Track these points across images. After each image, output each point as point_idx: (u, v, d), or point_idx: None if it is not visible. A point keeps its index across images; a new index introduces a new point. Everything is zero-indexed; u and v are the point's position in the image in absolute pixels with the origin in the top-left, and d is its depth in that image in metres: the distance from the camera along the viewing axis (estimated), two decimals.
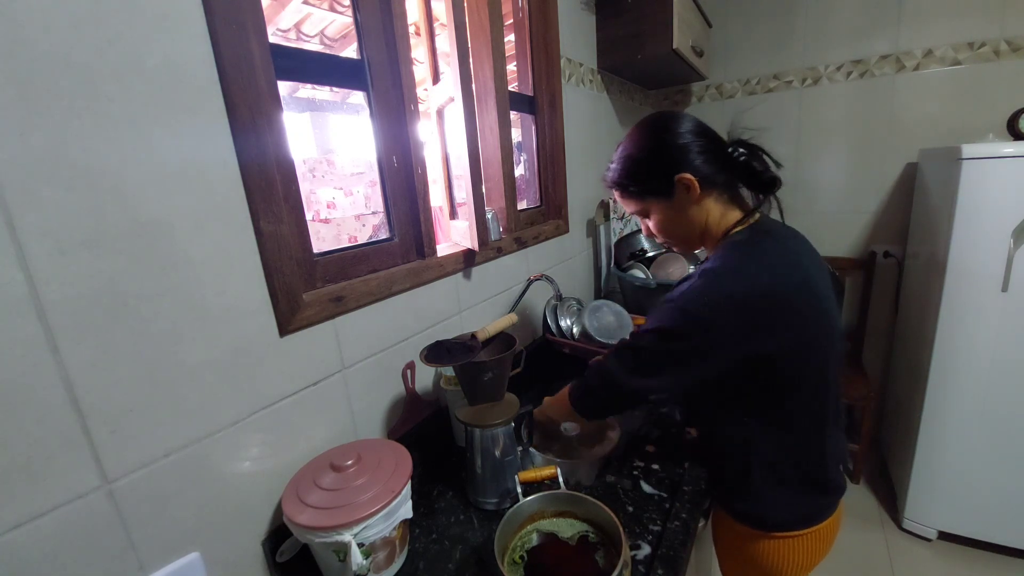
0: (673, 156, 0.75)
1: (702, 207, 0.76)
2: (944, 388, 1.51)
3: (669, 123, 0.77)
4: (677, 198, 0.76)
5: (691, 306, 0.69)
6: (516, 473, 0.79)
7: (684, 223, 0.78)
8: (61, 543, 0.50)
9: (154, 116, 0.55)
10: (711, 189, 0.75)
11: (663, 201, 0.78)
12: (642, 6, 1.57)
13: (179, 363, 0.59)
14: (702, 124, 0.77)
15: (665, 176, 0.75)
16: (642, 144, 0.78)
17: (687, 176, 0.73)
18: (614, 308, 1.36)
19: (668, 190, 0.76)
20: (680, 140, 0.75)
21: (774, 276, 0.68)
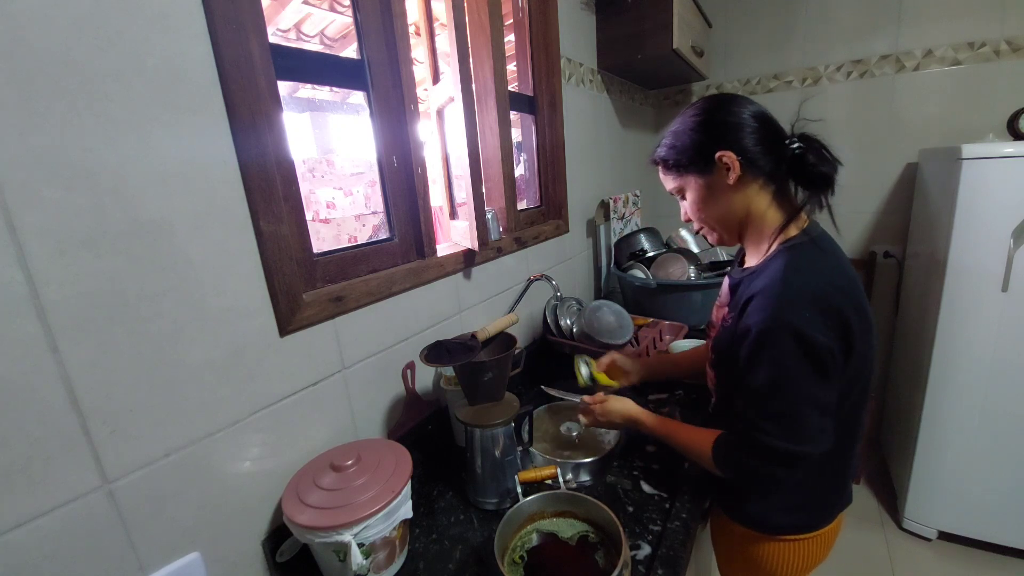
0: (719, 132, 0.70)
1: (744, 194, 0.72)
2: (944, 388, 1.51)
3: (725, 101, 0.72)
4: (715, 177, 0.72)
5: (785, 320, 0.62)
6: (516, 473, 0.80)
7: (720, 206, 0.74)
8: (61, 543, 0.50)
9: (154, 116, 0.55)
10: (756, 175, 0.71)
11: (700, 178, 0.73)
12: (642, 6, 1.57)
13: (179, 363, 0.59)
14: (762, 109, 0.72)
15: (706, 150, 0.71)
16: (692, 118, 0.74)
17: (728, 154, 0.69)
18: (614, 308, 1.36)
19: (707, 166, 0.71)
20: (731, 118, 0.70)
21: (842, 277, 0.66)
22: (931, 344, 1.50)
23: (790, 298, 0.63)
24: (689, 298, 1.47)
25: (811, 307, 0.62)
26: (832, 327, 0.63)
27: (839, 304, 0.63)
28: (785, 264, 0.66)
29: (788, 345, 0.62)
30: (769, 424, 0.65)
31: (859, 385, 0.71)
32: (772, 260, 0.69)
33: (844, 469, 0.78)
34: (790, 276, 0.65)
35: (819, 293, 0.63)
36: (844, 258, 0.72)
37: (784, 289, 0.64)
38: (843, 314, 0.63)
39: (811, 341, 0.61)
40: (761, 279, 0.68)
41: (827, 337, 0.62)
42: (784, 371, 0.63)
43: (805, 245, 0.69)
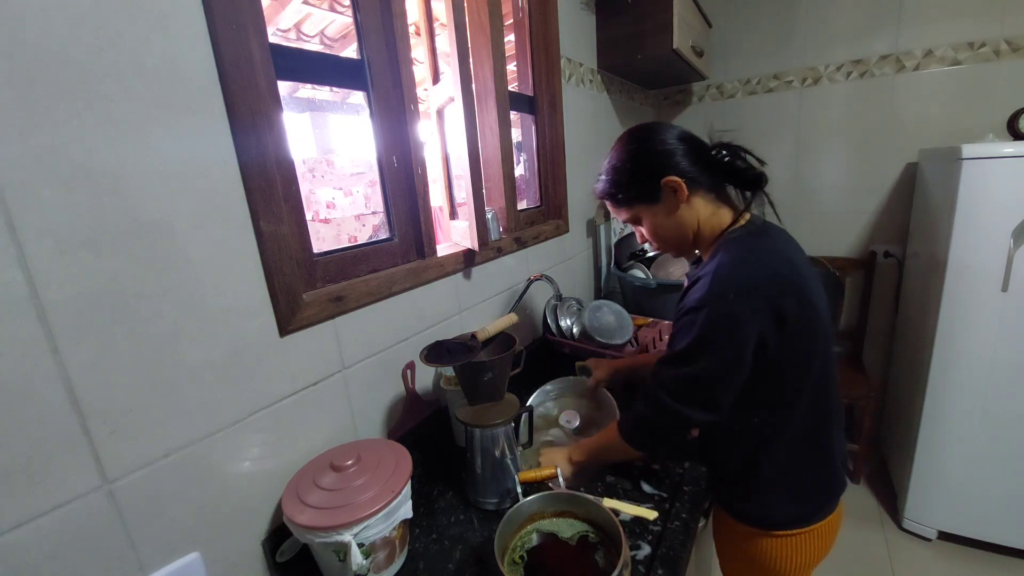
0: (657, 161, 0.77)
1: (692, 208, 0.78)
2: (944, 388, 1.51)
3: (651, 131, 0.79)
4: (665, 201, 0.78)
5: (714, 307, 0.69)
6: (516, 473, 0.80)
7: (674, 226, 0.80)
8: (61, 543, 0.50)
9: (154, 116, 0.55)
10: (698, 189, 0.77)
11: (652, 206, 0.79)
12: (642, 6, 1.57)
13: (179, 363, 0.59)
14: (683, 130, 0.80)
15: (651, 180, 0.77)
16: (625, 153, 0.80)
17: (673, 178, 0.75)
18: (614, 308, 1.36)
19: (655, 194, 0.78)
20: (662, 146, 0.77)
21: (775, 264, 0.72)
22: (931, 344, 1.50)
23: (722, 283, 0.69)
24: None
25: (740, 292, 0.68)
26: (760, 309, 0.68)
27: (769, 290, 0.68)
28: (723, 253, 0.73)
29: (714, 324, 0.68)
30: (671, 384, 0.73)
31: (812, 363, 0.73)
32: (713, 254, 0.76)
33: (826, 451, 0.79)
34: (724, 264, 0.71)
35: (749, 280, 0.69)
36: (787, 245, 0.77)
37: (717, 275, 0.70)
38: (773, 300, 0.68)
39: (737, 324, 0.68)
40: (704, 268, 0.75)
41: (750, 322, 0.68)
42: (701, 343, 0.69)
43: (743, 236, 0.75)
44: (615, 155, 0.81)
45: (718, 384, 0.71)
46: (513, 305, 1.28)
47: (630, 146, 0.79)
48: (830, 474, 0.81)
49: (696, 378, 0.71)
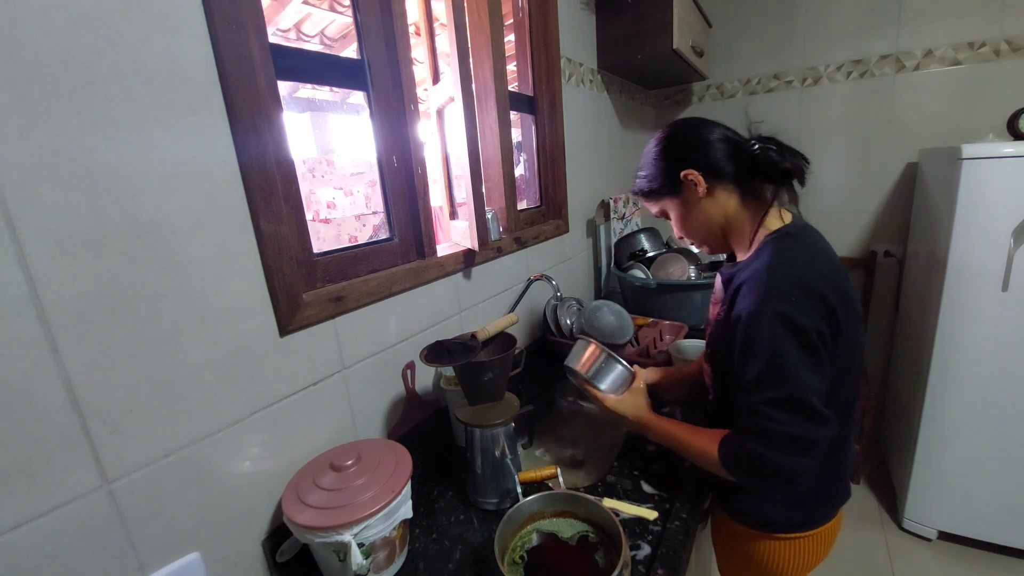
0: (679, 154, 0.77)
1: (715, 202, 0.77)
2: (944, 388, 1.51)
3: (679, 124, 0.80)
4: (685, 194, 0.78)
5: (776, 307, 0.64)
6: (516, 473, 0.80)
7: (698, 219, 0.79)
8: (61, 543, 0.50)
9: (154, 116, 0.55)
10: (720, 182, 0.76)
11: (675, 199, 0.80)
12: (642, 6, 1.57)
13: (179, 363, 0.59)
14: (713, 122, 0.78)
15: (671, 173, 0.77)
16: (654, 148, 0.81)
17: (690, 171, 0.75)
18: (614, 308, 1.36)
19: (677, 187, 0.78)
20: (688, 140, 0.77)
21: (826, 268, 0.69)
22: (931, 344, 1.50)
23: (775, 284, 0.65)
24: (689, 298, 1.47)
25: (796, 291, 0.65)
26: (817, 310, 0.64)
27: (822, 289, 0.65)
28: (770, 254, 0.69)
29: (777, 329, 0.64)
30: (772, 410, 0.64)
31: (849, 375, 0.71)
32: (758, 252, 0.72)
33: (840, 463, 0.78)
34: (775, 264, 0.67)
35: (802, 278, 0.66)
36: (828, 250, 0.75)
37: (769, 276, 0.66)
38: (827, 299, 0.65)
39: (798, 324, 0.63)
40: (748, 270, 0.71)
41: (813, 319, 0.64)
42: (777, 355, 0.64)
43: (787, 237, 0.72)
44: (646, 150, 0.83)
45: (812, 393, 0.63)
46: (513, 305, 1.28)
47: (659, 141, 0.81)
48: (836, 484, 0.80)
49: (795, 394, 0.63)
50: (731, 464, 0.69)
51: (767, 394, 0.65)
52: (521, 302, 1.29)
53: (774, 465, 0.64)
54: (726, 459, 0.70)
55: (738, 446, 0.69)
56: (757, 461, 0.66)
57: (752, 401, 0.66)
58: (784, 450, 0.64)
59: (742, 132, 0.79)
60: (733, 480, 0.71)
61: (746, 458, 0.67)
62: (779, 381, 0.64)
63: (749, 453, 0.66)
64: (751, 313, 0.66)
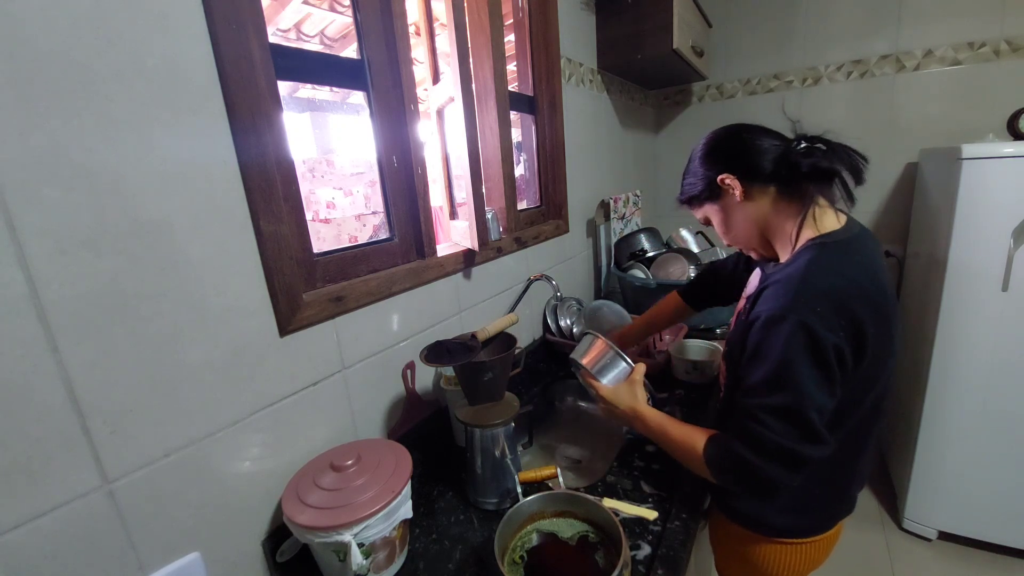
0: (717, 159, 0.77)
1: (756, 205, 0.75)
2: (944, 388, 1.51)
3: (720, 131, 0.79)
4: (725, 199, 0.77)
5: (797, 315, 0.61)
6: (516, 473, 0.80)
7: (739, 223, 0.78)
8: (61, 543, 0.50)
9: (154, 116, 0.55)
10: (758, 186, 0.74)
11: (715, 205, 0.80)
12: (642, 6, 1.57)
13: (179, 363, 0.59)
14: (754, 126, 0.77)
15: (709, 179, 0.77)
16: (697, 156, 0.81)
17: (726, 176, 0.74)
18: (614, 308, 1.36)
19: (715, 192, 0.77)
20: (725, 143, 0.77)
21: (857, 274, 0.65)
22: (931, 344, 1.50)
23: (804, 291, 0.63)
24: None
25: (823, 303, 0.61)
26: (843, 327, 0.61)
27: (854, 306, 0.62)
28: (808, 260, 0.66)
29: (795, 338, 0.61)
30: (770, 418, 0.62)
31: (872, 395, 0.69)
32: (798, 255, 0.70)
33: (849, 480, 0.76)
34: (810, 271, 0.65)
35: (834, 291, 0.62)
36: (878, 261, 0.71)
37: (800, 283, 0.64)
38: (857, 316, 0.62)
39: (818, 337, 0.60)
40: (781, 273, 0.69)
41: (836, 336, 0.60)
42: (788, 363, 0.61)
43: (833, 245, 0.68)
44: (690, 158, 0.83)
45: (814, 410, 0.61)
46: (513, 305, 1.28)
47: (701, 148, 0.80)
48: (840, 499, 0.78)
49: (797, 407, 0.61)
50: (713, 463, 0.68)
51: (767, 400, 0.63)
52: (521, 302, 1.29)
53: (756, 473, 0.63)
54: (710, 458, 0.68)
55: (725, 447, 0.67)
56: (740, 465, 0.65)
57: (750, 404, 0.65)
58: (770, 460, 0.63)
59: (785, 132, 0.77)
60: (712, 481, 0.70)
61: (730, 460, 0.66)
62: (782, 389, 0.62)
63: (735, 455, 0.65)
64: (771, 316, 0.63)
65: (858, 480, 0.78)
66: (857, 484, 0.78)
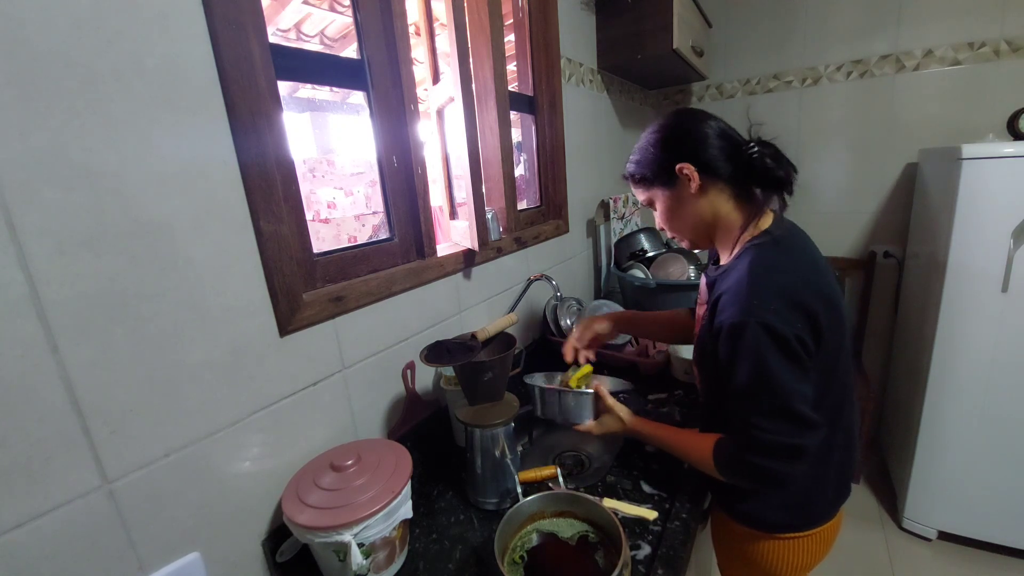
0: (676, 146, 0.76)
1: (707, 200, 0.76)
2: (944, 388, 1.51)
3: (682, 116, 0.78)
4: (678, 188, 0.77)
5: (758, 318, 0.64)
6: (516, 473, 0.80)
7: (687, 214, 0.79)
8: (61, 543, 0.50)
9: (154, 116, 0.55)
10: (716, 181, 0.75)
11: (665, 190, 0.79)
12: (642, 6, 1.57)
13: (179, 363, 0.59)
14: (715, 118, 0.77)
15: (667, 164, 0.76)
16: (652, 135, 0.79)
17: (687, 166, 0.74)
18: (614, 308, 1.36)
19: (670, 179, 0.77)
20: (688, 132, 0.76)
21: (806, 271, 0.70)
22: (931, 344, 1.50)
23: (756, 293, 0.66)
24: (689, 298, 1.47)
25: (776, 300, 0.65)
26: (799, 319, 0.65)
27: (803, 296, 0.66)
28: (750, 261, 0.69)
29: (761, 339, 0.64)
30: (765, 421, 0.66)
31: (836, 377, 0.72)
32: (739, 259, 0.73)
33: (838, 463, 0.78)
34: (755, 272, 0.68)
35: (783, 287, 0.67)
36: (812, 252, 0.75)
37: (750, 285, 0.67)
38: (809, 306, 0.66)
39: (781, 333, 0.64)
40: (729, 278, 0.72)
41: (795, 327, 0.64)
42: (762, 365, 0.65)
43: (769, 243, 0.72)
44: (644, 136, 0.81)
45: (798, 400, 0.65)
46: (513, 305, 1.28)
47: (658, 128, 0.79)
48: (836, 484, 0.80)
49: (782, 404, 0.65)
50: (726, 469, 0.72)
51: (756, 405, 0.67)
52: (521, 302, 1.29)
53: (768, 472, 0.67)
54: (722, 466, 0.73)
55: (733, 454, 0.71)
56: (752, 469, 0.69)
57: (743, 412, 0.68)
58: (776, 458, 0.67)
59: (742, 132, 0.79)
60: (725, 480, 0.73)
61: (741, 466, 0.70)
62: (766, 391, 0.66)
63: (744, 461, 0.69)
64: (733, 324, 0.67)
65: (849, 463, 0.81)
66: (849, 467, 0.81)
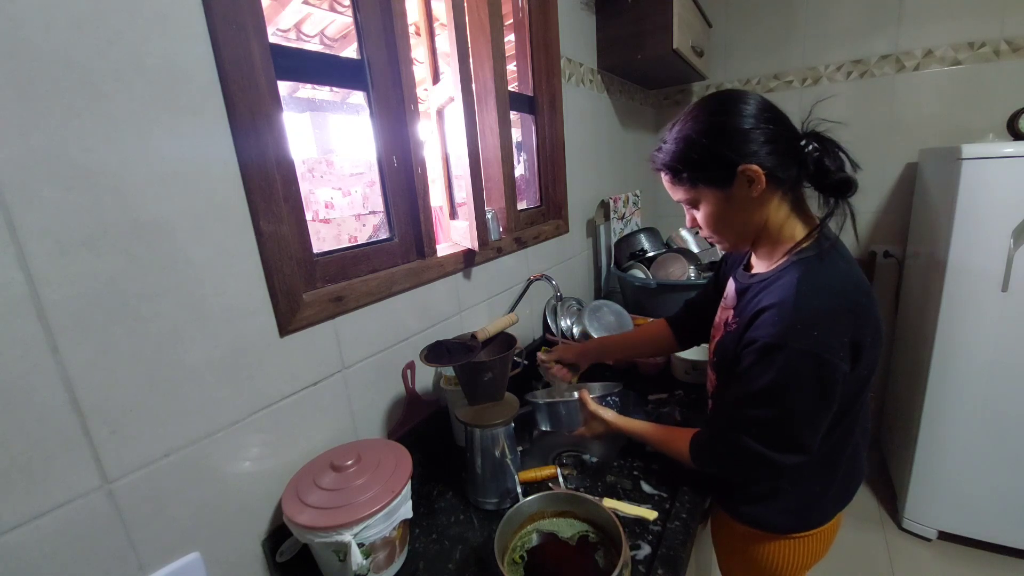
0: (737, 141, 0.65)
1: (764, 205, 0.69)
2: (944, 388, 1.51)
3: (737, 103, 0.67)
4: (735, 190, 0.67)
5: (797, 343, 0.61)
6: (516, 473, 0.80)
7: (739, 220, 0.70)
8: (61, 543, 0.50)
9: (154, 116, 0.55)
10: (776, 187, 0.68)
11: (719, 192, 0.69)
12: (642, 6, 1.57)
13: (179, 363, 0.59)
14: (774, 108, 0.68)
15: (727, 164, 0.66)
16: (704, 124, 0.67)
17: (753, 168, 0.64)
18: (614, 308, 1.36)
19: (727, 180, 0.67)
20: (746, 124, 0.65)
21: (854, 293, 0.65)
22: (931, 344, 1.50)
23: (802, 315, 0.62)
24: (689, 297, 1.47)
25: (820, 327, 0.61)
26: (842, 346, 0.62)
27: (850, 321, 0.62)
28: (799, 279, 0.64)
29: (796, 364, 0.61)
30: (756, 428, 0.67)
31: (860, 392, 0.71)
32: (784, 272, 0.68)
33: (845, 474, 0.77)
34: (803, 292, 0.63)
35: (832, 312, 0.62)
36: (856, 267, 0.70)
37: (797, 306, 0.62)
38: (854, 332, 0.62)
39: (822, 363, 0.61)
40: (773, 292, 0.66)
41: (838, 358, 0.61)
42: (785, 385, 0.63)
43: (817, 259, 0.67)
44: (690, 124, 0.69)
45: (806, 426, 0.64)
46: (513, 305, 1.28)
47: (712, 117, 0.67)
48: (842, 490, 0.80)
49: (781, 420, 0.64)
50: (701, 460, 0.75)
51: (757, 412, 0.66)
52: (521, 302, 1.29)
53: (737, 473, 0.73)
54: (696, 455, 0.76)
55: (711, 446, 0.74)
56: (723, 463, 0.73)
57: (740, 413, 0.68)
58: (748, 466, 0.69)
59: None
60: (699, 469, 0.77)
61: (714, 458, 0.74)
62: (774, 405, 0.64)
63: (718, 455, 0.73)
64: (768, 345, 0.63)
65: (856, 474, 0.81)
66: (855, 477, 0.81)
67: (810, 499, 0.77)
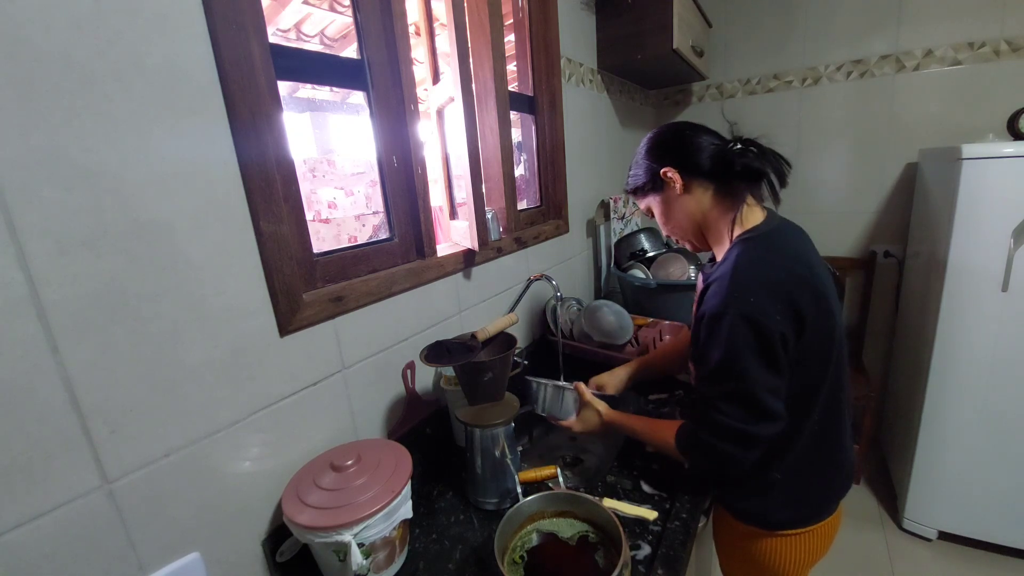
0: (660, 153, 0.82)
1: (693, 199, 0.81)
2: (944, 388, 1.51)
3: (663, 127, 0.85)
4: (667, 192, 0.82)
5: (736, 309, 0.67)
6: (516, 473, 0.80)
7: (678, 215, 0.83)
8: (61, 543, 0.50)
9: (154, 116, 0.55)
10: (697, 180, 0.79)
11: (657, 196, 0.85)
12: (642, 6, 1.57)
13: (179, 363, 0.59)
14: (696, 124, 0.82)
15: (653, 171, 0.82)
16: (641, 149, 0.86)
17: (668, 169, 0.79)
18: (614, 308, 1.36)
19: (657, 184, 0.83)
20: (667, 138, 0.82)
21: (791, 264, 0.72)
22: (931, 344, 1.49)
23: (740, 284, 0.69)
24: (689, 298, 1.47)
25: (759, 293, 0.68)
26: (779, 311, 0.67)
27: (785, 288, 0.69)
28: (738, 254, 0.72)
29: (738, 328, 0.67)
30: (723, 403, 0.70)
31: (828, 368, 0.74)
32: (729, 252, 0.75)
33: (836, 455, 0.80)
34: (741, 264, 0.71)
35: (765, 278, 0.69)
36: (800, 245, 0.77)
37: (734, 276, 0.70)
38: (791, 298, 0.68)
39: (758, 325, 0.67)
40: (717, 270, 0.75)
41: (775, 322, 0.67)
42: (734, 352, 0.68)
43: (758, 238, 0.75)
44: (636, 150, 0.88)
45: (765, 391, 0.69)
46: (513, 305, 1.28)
47: (646, 142, 0.86)
48: (835, 479, 0.81)
49: (740, 390, 0.69)
50: (685, 450, 0.77)
51: (720, 387, 0.71)
52: (521, 302, 1.29)
53: (721, 455, 0.72)
54: (681, 446, 0.77)
55: (692, 435, 0.76)
56: (706, 449, 0.73)
57: (708, 393, 0.73)
58: (728, 442, 0.71)
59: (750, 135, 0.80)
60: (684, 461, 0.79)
61: (697, 446, 0.75)
62: (732, 377, 0.69)
63: (700, 441, 0.74)
64: (713, 314, 0.70)
65: (843, 453, 0.82)
66: (847, 461, 0.82)
67: (804, 489, 0.79)
